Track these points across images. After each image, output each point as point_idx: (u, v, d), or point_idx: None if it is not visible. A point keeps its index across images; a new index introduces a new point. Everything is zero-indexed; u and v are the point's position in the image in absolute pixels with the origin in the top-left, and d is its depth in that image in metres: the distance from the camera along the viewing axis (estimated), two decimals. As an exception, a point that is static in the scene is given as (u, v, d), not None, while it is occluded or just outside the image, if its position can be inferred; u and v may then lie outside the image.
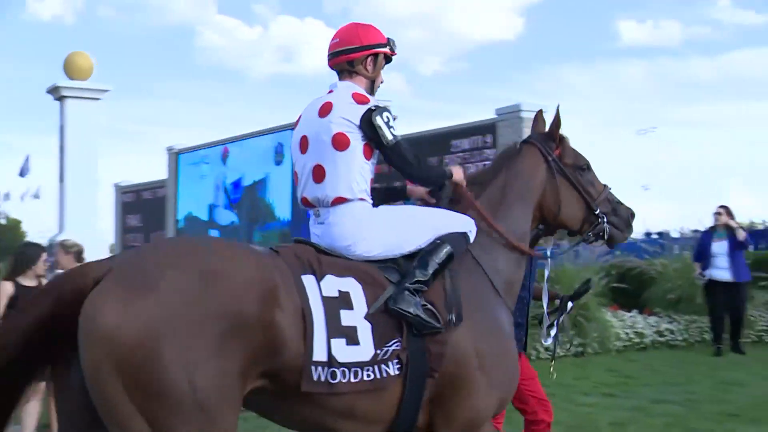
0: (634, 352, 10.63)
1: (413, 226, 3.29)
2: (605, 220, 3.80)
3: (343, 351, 2.89)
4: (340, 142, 3.20)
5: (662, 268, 11.72)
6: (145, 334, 2.50)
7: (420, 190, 3.64)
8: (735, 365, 9.49)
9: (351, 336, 2.92)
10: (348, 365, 2.89)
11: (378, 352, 2.96)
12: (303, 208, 3.40)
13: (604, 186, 3.86)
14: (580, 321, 10.13)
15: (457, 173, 3.52)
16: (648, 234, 19.01)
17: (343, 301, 2.95)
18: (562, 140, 3.78)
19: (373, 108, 3.22)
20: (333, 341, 2.87)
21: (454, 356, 3.09)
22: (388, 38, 3.44)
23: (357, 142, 3.22)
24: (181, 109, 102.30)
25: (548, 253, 3.94)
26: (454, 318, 3.12)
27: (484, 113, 12.77)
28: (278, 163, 14.63)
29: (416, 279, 3.10)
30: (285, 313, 2.78)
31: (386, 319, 3.01)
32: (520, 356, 4.13)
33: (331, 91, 3.38)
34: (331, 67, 3.45)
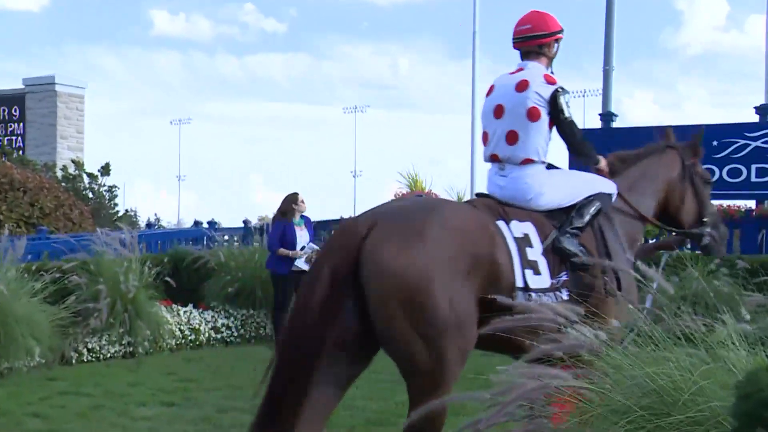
0: (190, 351, 9.72)
1: (574, 186, 4.07)
2: (709, 231, 4.56)
3: (532, 279, 3.63)
4: (533, 115, 3.93)
5: (225, 258, 10.94)
6: (420, 275, 3.25)
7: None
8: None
9: (535, 268, 3.66)
10: (537, 291, 3.62)
11: (554, 281, 3.71)
12: (489, 162, 4.12)
13: (714, 205, 4.79)
14: (128, 317, 8.90)
15: (603, 162, 4.34)
16: (197, 223, 18.36)
17: (526, 240, 3.69)
18: (698, 155, 4.66)
19: (559, 89, 3.97)
20: (526, 271, 3.62)
21: (600, 287, 3.82)
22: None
23: (545, 115, 3.96)
24: None
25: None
26: (599, 261, 3.83)
27: (9, 85, 10.72)
28: None
29: (574, 225, 3.89)
30: (500, 251, 3.57)
31: (554, 256, 3.75)
32: None
33: (521, 69, 4.06)
34: (518, 47, 4.13)
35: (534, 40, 4.10)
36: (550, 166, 4.19)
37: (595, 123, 18.50)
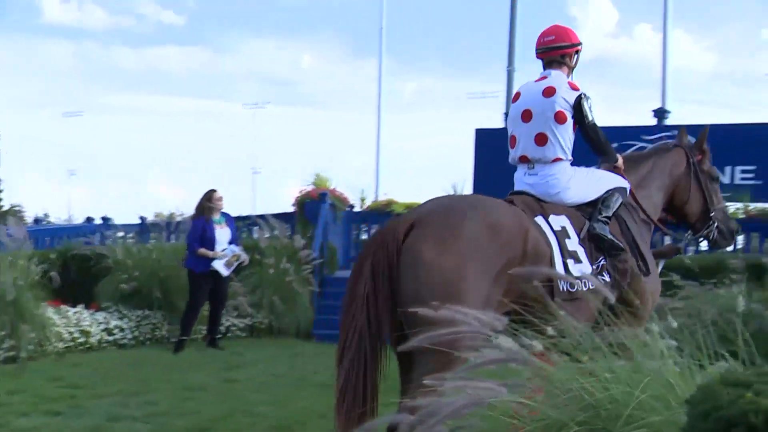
0: (79, 354, 9.10)
1: (596, 182, 4.43)
2: (716, 224, 4.95)
3: (574, 267, 3.98)
4: (560, 118, 4.30)
5: (123, 256, 10.36)
6: (453, 272, 3.47)
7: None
8: (194, 366, 8.58)
9: (576, 257, 4.03)
10: (579, 277, 3.91)
11: (594, 266, 4.08)
12: (518, 163, 4.47)
13: (724, 200, 5.05)
14: (10, 319, 8.28)
15: (620, 160, 4.65)
16: (90, 219, 17.47)
17: (564, 232, 4.06)
18: (704, 152, 4.97)
19: (583, 95, 4.33)
20: (567, 261, 3.98)
21: (633, 272, 4.16)
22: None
23: (570, 118, 4.32)
24: None
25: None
26: (627, 246, 4.27)
27: None
28: None
29: (604, 215, 4.27)
30: (540, 245, 3.86)
31: (590, 244, 4.14)
32: None
33: (545, 77, 4.41)
34: (542, 57, 4.48)
35: (557, 50, 4.45)
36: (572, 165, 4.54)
37: (498, 123, 18.64)
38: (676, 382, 2.47)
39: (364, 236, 16.72)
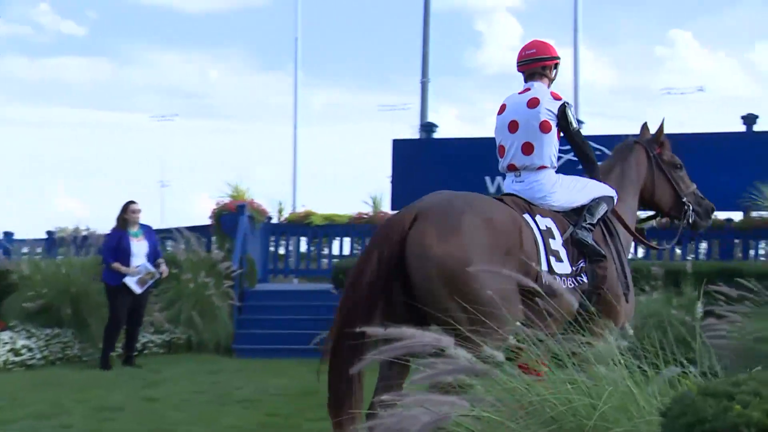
0: (-18, 377, 8.59)
1: (581, 189, 4.65)
2: (691, 208, 5.18)
3: (556, 265, 4.20)
4: (545, 127, 4.52)
5: (30, 271, 9.85)
6: (459, 261, 3.72)
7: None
8: (109, 385, 8.21)
9: (557, 256, 4.24)
10: (560, 275, 4.18)
11: (574, 268, 4.31)
12: (506, 172, 4.69)
13: (693, 184, 5.27)
14: None
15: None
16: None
17: (549, 232, 4.27)
18: (663, 144, 5.22)
19: (566, 104, 4.62)
20: (550, 257, 4.18)
21: (611, 279, 4.45)
22: None
23: (554, 127, 4.55)
24: None
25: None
26: (609, 253, 4.55)
27: None
28: None
29: (588, 222, 4.51)
30: (528, 239, 4.10)
31: (572, 248, 4.36)
32: None
33: (528, 89, 4.66)
34: (523, 69, 4.76)
35: (538, 62, 4.70)
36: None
37: (413, 134, 18.70)
38: (636, 392, 2.41)
39: (282, 249, 16.52)
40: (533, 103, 4.52)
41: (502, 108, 4.68)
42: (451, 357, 2.45)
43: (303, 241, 14.53)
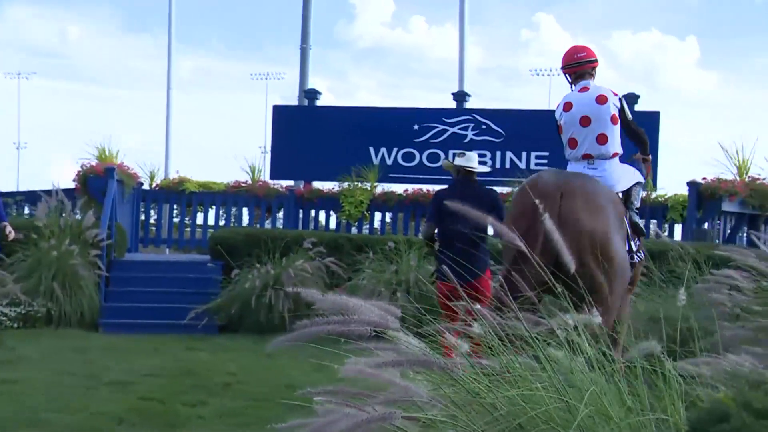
0: None
1: (627, 175, 5.29)
2: None
3: (632, 242, 4.97)
4: (614, 120, 5.16)
5: None
6: (605, 232, 4.49)
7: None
8: (-43, 365, 7.33)
9: (629, 235, 4.97)
10: (635, 251, 5.02)
11: (638, 243, 5.11)
12: (578, 161, 5.24)
13: None
14: None
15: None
16: None
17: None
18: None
19: (621, 98, 5.25)
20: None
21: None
22: None
23: (619, 119, 5.21)
24: None
25: None
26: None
27: None
28: None
29: (636, 206, 5.24)
30: (624, 219, 4.86)
31: (629, 227, 5.01)
32: None
33: (587, 88, 5.23)
34: (576, 70, 5.33)
35: (588, 64, 5.32)
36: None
37: (291, 101, 18.10)
38: (609, 392, 2.06)
39: (153, 218, 15.62)
40: (602, 99, 5.14)
41: (569, 105, 5.22)
42: (397, 343, 2.03)
43: (176, 209, 13.75)
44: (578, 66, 5.31)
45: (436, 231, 6.33)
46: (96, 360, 7.71)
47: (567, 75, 5.37)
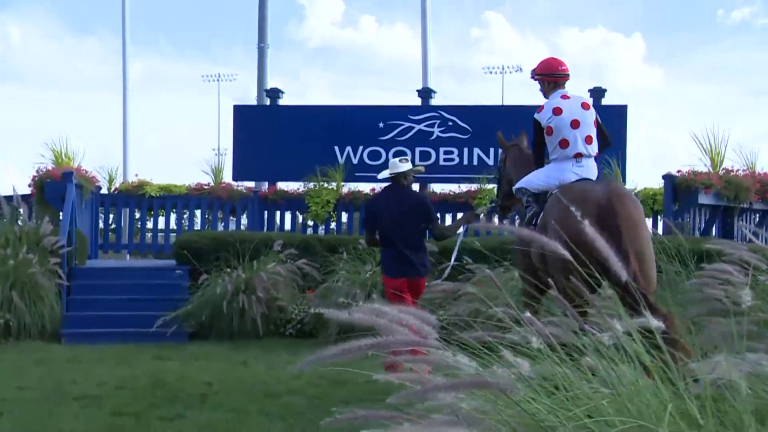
0: None
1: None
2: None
3: None
4: (596, 123, 5.81)
5: None
6: (641, 217, 5.05)
7: None
8: None
9: None
10: None
11: None
12: (570, 159, 5.74)
13: None
14: None
15: None
16: None
17: None
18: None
19: (594, 106, 6.00)
20: None
21: None
22: None
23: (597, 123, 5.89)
24: None
25: None
26: None
27: None
28: None
29: None
30: None
31: None
32: None
33: (568, 96, 5.84)
34: (557, 80, 5.90)
35: (567, 77, 5.93)
36: None
37: (249, 101, 17.69)
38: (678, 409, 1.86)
39: (113, 224, 15.13)
40: (586, 105, 5.81)
41: (558, 110, 5.76)
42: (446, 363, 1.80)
43: (137, 213, 13.33)
44: (561, 77, 5.95)
45: (377, 234, 7.15)
46: (61, 373, 7.32)
47: (544, 82, 5.95)
